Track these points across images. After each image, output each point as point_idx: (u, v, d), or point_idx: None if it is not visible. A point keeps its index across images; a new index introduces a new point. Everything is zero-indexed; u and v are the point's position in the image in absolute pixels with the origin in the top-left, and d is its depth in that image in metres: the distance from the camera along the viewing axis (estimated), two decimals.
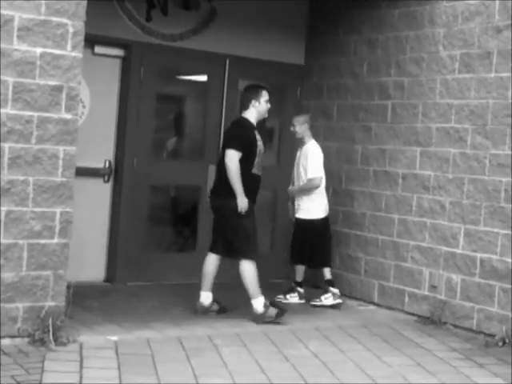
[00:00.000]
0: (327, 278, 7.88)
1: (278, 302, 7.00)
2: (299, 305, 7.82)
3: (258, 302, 6.87)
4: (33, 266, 5.74)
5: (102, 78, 8.11)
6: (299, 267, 7.98)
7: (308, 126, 7.97)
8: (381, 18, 8.23)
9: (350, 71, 8.57)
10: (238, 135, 6.95)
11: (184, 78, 9.35)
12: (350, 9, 8.56)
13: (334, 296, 7.82)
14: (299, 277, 7.98)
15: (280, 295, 7.86)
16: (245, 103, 7.13)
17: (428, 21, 7.72)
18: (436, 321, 7.30)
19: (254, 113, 7.07)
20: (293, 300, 7.90)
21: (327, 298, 7.82)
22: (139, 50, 8.19)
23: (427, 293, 7.56)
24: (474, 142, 7.26)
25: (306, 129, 7.94)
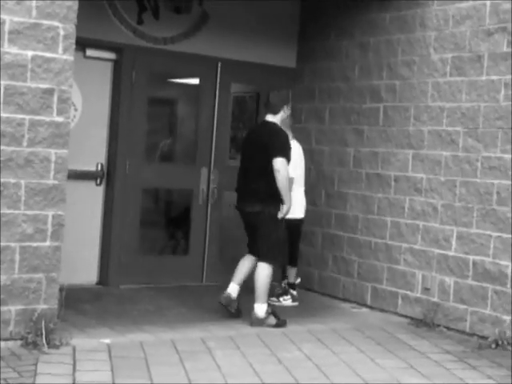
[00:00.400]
0: (290, 280, 7.98)
1: (277, 313, 7.03)
2: (292, 307, 7.82)
3: (261, 308, 6.87)
4: (25, 268, 5.73)
5: (93, 81, 8.10)
6: (291, 269, 8.00)
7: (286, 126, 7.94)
8: (372, 22, 8.24)
9: (341, 74, 8.57)
10: (286, 143, 6.97)
11: (176, 81, 9.36)
12: (342, 12, 8.58)
13: (293, 298, 7.95)
14: (292, 278, 7.99)
15: (273, 298, 7.86)
16: (276, 108, 7.05)
17: (419, 24, 7.74)
18: (429, 323, 7.30)
19: (279, 118, 7.08)
20: (286, 303, 7.91)
21: (286, 299, 7.94)
22: (131, 53, 8.18)
23: (420, 295, 7.56)
24: (465, 144, 7.28)
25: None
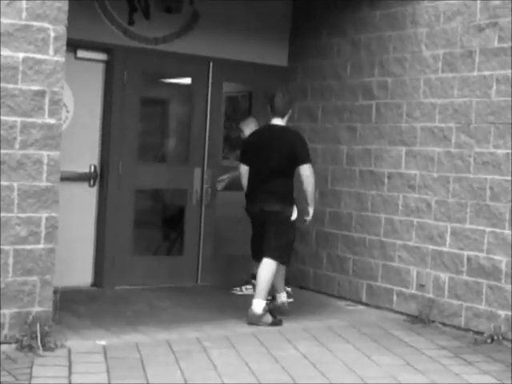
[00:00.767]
0: (254, 272, 7.96)
1: (275, 312, 7.03)
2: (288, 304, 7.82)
3: (260, 304, 6.87)
4: (19, 271, 5.70)
5: (85, 82, 8.08)
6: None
7: (256, 127, 7.94)
8: (363, 19, 8.23)
9: (333, 72, 8.57)
10: (308, 148, 7.08)
11: (168, 81, 9.35)
12: (333, 10, 8.57)
13: (254, 287, 7.92)
14: (254, 269, 7.99)
15: (268, 296, 7.84)
16: (285, 109, 7.09)
17: (410, 21, 7.74)
18: (424, 319, 7.31)
19: (285, 121, 7.14)
20: (247, 291, 8.09)
21: (248, 288, 8.13)
22: (122, 53, 8.16)
23: (415, 291, 7.57)
24: (458, 140, 7.28)
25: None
